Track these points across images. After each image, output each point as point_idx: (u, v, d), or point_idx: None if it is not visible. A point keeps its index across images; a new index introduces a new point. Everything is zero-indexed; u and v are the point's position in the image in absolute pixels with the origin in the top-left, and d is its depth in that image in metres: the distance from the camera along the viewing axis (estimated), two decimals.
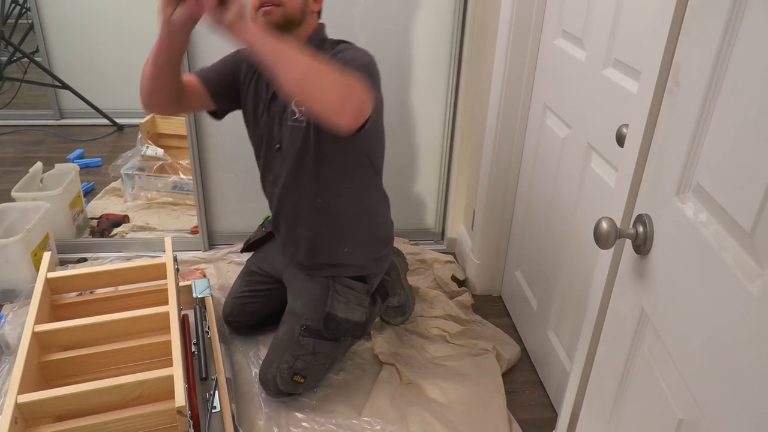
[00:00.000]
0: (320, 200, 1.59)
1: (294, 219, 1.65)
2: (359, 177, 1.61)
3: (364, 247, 1.68)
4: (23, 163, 2.88)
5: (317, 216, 1.62)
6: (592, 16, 1.42)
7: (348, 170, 1.58)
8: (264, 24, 1.40)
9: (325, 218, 1.62)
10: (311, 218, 1.63)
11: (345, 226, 1.65)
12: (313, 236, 1.64)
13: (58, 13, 3.50)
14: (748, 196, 0.66)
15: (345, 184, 1.60)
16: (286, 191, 1.62)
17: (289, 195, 1.62)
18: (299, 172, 1.56)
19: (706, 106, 0.75)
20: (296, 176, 1.57)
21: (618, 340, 1.00)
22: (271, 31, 1.21)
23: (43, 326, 1.48)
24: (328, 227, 1.63)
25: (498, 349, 1.85)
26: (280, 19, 1.40)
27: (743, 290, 0.66)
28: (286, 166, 1.57)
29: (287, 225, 1.69)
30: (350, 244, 1.66)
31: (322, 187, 1.58)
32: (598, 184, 1.42)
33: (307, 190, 1.59)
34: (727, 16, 0.71)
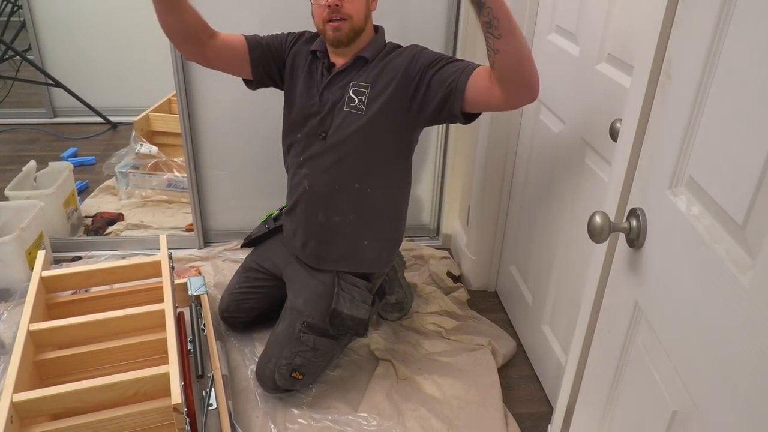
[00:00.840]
0: (357, 185, 1.60)
1: (321, 205, 1.64)
2: (399, 167, 1.64)
3: (381, 242, 1.70)
4: (16, 162, 2.86)
5: (350, 202, 1.62)
6: (586, 11, 1.42)
7: (392, 159, 1.62)
8: (332, 38, 1.49)
9: (357, 205, 1.63)
10: (342, 204, 1.63)
11: (373, 216, 1.66)
12: (339, 222, 1.64)
13: (50, 11, 3.48)
14: (740, 189, 0.66)
15: (386, 172, 1.62)
16: (323, 174, 1.62)
17: (324, 179, 1.62)
18: (346, 157, 1.58)
19: (698, 99, 0.76)
20: (341, 161, 1.58)
21: (612, 334, 1.00)
22: None
23: (38, 325, 1.47)
24: (357, 214, 1.63)
25: (493, 344, 1.85)
26: (349, 32, 1.48)
27: (735, 282, 0.66)
28: (332, 151, 1.58)
29: (309, 211, 1.67)
30: (370, 237, 1.67)
31: (363, 173, 1.60)
32: (593, 178, 1.42)
33: (347, 175, 1.60)
34: (719, 7, 0.71)
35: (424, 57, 1.50)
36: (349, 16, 1.46)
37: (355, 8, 1.47)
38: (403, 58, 1.52)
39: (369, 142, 1.56)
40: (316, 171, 1.63)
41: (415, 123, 1.56)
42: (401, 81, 1.49)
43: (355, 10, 1.47)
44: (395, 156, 1.62)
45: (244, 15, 2.02)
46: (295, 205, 1.70)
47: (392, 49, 1.58)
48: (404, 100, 1.50)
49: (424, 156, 2.35)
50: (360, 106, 1.53)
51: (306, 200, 1.67)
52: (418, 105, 1.49)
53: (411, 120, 1.54)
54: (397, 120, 1.53)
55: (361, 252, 1.67)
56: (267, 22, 1.97)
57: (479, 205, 2.07)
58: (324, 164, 1.61)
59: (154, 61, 3.26)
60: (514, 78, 1.30)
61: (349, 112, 1.55)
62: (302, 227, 1.70)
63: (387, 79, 1.51)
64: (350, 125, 1.50)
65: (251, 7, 2.01)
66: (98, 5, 3.46)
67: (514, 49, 1.25)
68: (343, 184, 1.61)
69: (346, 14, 1.46)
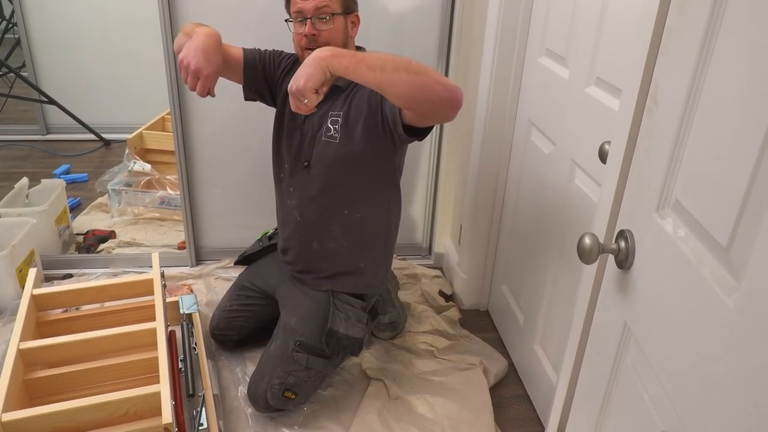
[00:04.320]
0: (347, 212, 1.62)
1: (314, 233, 1.67)
2: (386, 192, 1.66)
3: (377, 264, 1.72)
4: (9, 179, 2.85)
5: (341, 228, 1.64)
6: (575, 36, 1.45)
7: (378, 185, 1.63)
8: None
9: (349, 231, 1.65)
10: (335, 231, 1.64)
11: (366, 241, 1.68)
12: (334, 248, 1.66)
13: (45, 28, 3.49)
14: (724, 212, 0.68)
15: (373, 197, 1.64)
16: (311, 203, 1.64)
17: (313, 208, 1.64)
18: (330, 185, 1.60)
19: (684, 124, 0.78)
20: (326, 189, 1.61)
21: (602, 354, 1.01)
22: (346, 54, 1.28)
23: (28, 343, 1.46)
24: (350, 240, 1.65)
25: (485, 363, 1.85)
26: None
27: (721, 304, 0.68)
28: (316, 181, 1.60)
29: (303, 241, 1.70)
30: (367, 260, 1.69)
31: (351, 199, 1.62)
32: (582, 199, 1.44)
33: (335, 203, 1.62)
34: (702, 36, 0.73)
35: None
36: (326, 44, 1.46)
37: (332, 36, 1.49)
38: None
39: (350, 169, 1.58)
40: (304, 200, 1.65)
41: (392, 146, 1.55)
42: (369, 108, 1.50)
43: (332, 38, 1.49)
44: (381, 181, 1.63)
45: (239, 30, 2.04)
46: (289, 237, 1.73)
47: None
48: (376, 125, 1.50)
49: (416, 175, 2.37)
50: (335, 135, 1.55)
51: (299, 231, 1.69)
52: (389, 127, 1.48)
53: (387, 144, 1.53)
54: (373, 146, 1.54)
55: (358, 274, 1.69)
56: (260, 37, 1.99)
57: (471, 225, 2.08)
58: (310, 193, 1.63)
59: (148, 78, 3.27)
60: (416, 108, 1.34)
61: (327, 142, 1.57)
62: (298, 255, 1.72)
63: (359, 107, 1.52)
64: (329, 154, 1.53)
65: (245, 25, 2.04)
66: (93, 23, 3.49)
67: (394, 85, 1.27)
68: (332, 211, 1.63)
69: (323, 43, 1.46)
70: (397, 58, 1.28)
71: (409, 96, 1.29)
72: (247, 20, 2.03)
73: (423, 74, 1.27)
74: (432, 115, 1.38)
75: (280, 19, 1.59)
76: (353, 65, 1.24)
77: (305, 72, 1.21)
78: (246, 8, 2.01)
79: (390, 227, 1.72)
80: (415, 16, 2.09)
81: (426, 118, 1.39)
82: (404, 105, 1.34)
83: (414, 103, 1.32)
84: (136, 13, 3.36)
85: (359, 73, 1.24)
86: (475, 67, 1.97)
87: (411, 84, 1.26)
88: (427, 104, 1.31)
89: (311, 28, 1.47)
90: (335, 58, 1.23)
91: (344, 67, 1.23)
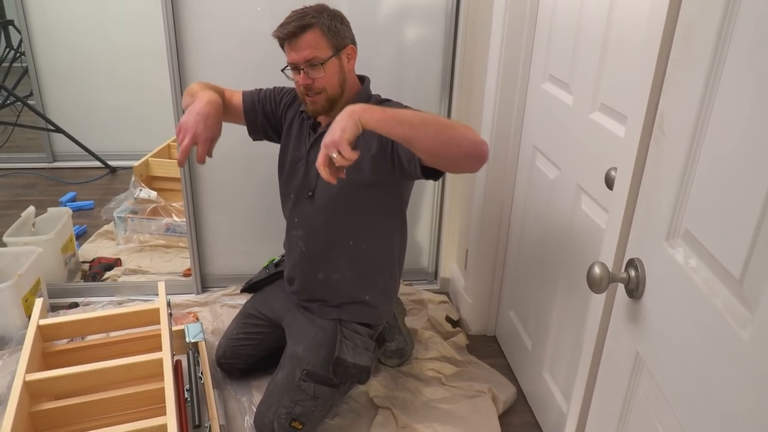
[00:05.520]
0: (352, 242, 1.63)
1: (319, 264, 1.67)
2: (392, 222, 1.65)
3: (382, 295, 1.71)
4: (15, 207, 2.87)
5: (346, 259, 1.64)
6: (578, 63, 1.46)
7: (384, 215, 1.64)
8: (311, 111, 1.54)
9: (354, 262, 1.65)
10: (340, 261, 1.65)
11: (371, 272, 1.68)
12: (339, 279, 1.65)
13: (52, 58, 3.54)
14: (736, 244, 0.67)
15: (379, 228, 1.64)
16: (316, 234, 1.65)
17: (318, 238, 1.65)
18: (335, 216, 1.61)
19: (692, 154, 0.78)
20: (331, 220, 1.61)
21: (614, 383, 1.00)
22: (375, 109, 1.28)
23: (34, 375, 1.46)
24: (355, 271, 1.65)
25: (494, 390, 1.83)
26: (325, 104, 1.53)
27: (735, 336, 0.67)
28: (321, 212, 1.61)
29: (308, 272, 1.70)
30: (372, 292, 1.69)
31: (356, 230, 1.62)
32: (589, 224, 1.44)
33: (340, 233, 1.63)
34: (708, 68, 0.74)
35: None
36: (323, 89, 1.50)
37: (327, 81, 1.50)
38: None
39: (356, 201, 1.58)
40: (309, 231, 1.65)
41: (400, 180, 1.57)
42: (380, 144, 1.50)
43: (328, 82, 1.50)
44: (387, 212, 1.64)
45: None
46: (295, 267, 1.73)
47: (376, 104, 1.58)
48: (385, 160, 1.50)
49: (422, 199, 2.37)
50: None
51: (304, 261, 1.69)
52: (398, 163, 1.48)
53: (395, 178, 1.53)
54: (380, 179, 1.54)
55: (364, 305, 1.68)
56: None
57: (477, 249, 2.08)
58: (315, 224, 1.63)
59: (154, 106, 3.31)
60: (441, 163, 1.36)
61: None
62: (303, 285, 1.72)
63: (368, 142, 1.50)
64: (334, 186, 1.54)
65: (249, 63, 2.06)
66: (99, 52, 3.53)
67: (426, 143, 1.29)
68: (337, 242, 1.63)
69: (320, 89, 1.50)
70: (425, 114, 1.30)
71: (436, 151, 1.30)
72: (250, 48, 2.05)
73: (450, 129, 1.29)
74: (455, 168, 1.40)
75: (282, 57, 1.61)
76: (384, 119, 1.25)
77: (340, 125, 1.22)
78: (250, 37, 2.04)
79: (394, 258, 1.72)
80: (418, 45, 2.11)
81: (449, 170, 1.41)
82: (429, 159, 1.34)
83: (439, 158, 1.32)
84: (142, 42, 3.41)
85: (389, 126, 1.26)
86: (479, 93, 1.98)
87: (438, 139, 1.28)
88: (451, 159, 1.32)
89: (305, 78, 1.49)
90: (367, 112, 1.24)
91: (375, 120, 1.24)
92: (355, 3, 2.00)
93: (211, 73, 2.04)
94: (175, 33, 1.97)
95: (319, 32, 1.47)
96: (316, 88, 1.50)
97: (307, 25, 1.46)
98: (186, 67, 2.03)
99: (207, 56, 2.04)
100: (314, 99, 1.52)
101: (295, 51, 1.47)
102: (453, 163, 1.35)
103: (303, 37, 1.46)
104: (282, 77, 1.68)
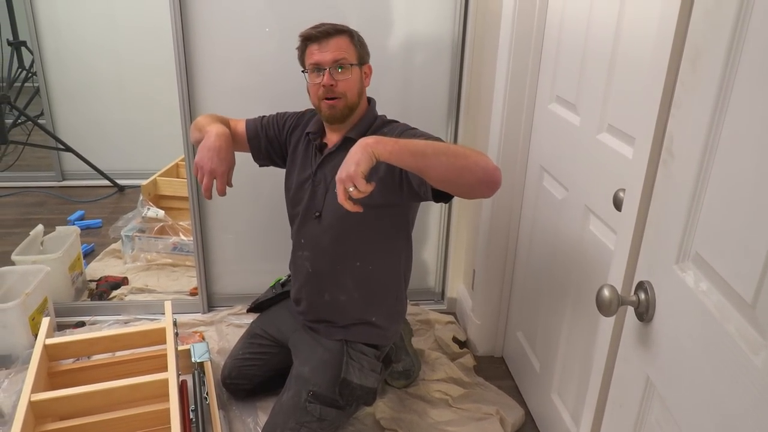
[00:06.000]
0: (359, 264, 1.62)
1: (326, 285, 1.66)
2: (399, 243, 1.65)
3: (389, 317, 1.70)
4: (24, 225, 2.89)
5: (353, 280, 1.64)
6: (585, 84, 1.47)
7: (391, 236, 1.63)
8: (327, 115, 1.54)
9: (361, 283, 1.64)
10: (347, 282, 1.64)
11: (378, 293, 1.68)
12: (345, 301, 1.65)
13: (63, 78, 3.59)
14: (748, 268, 0.67)
15: (386, 249, 1.64)
16: (323, 255, 1.65)
17: (325, 259, 1.65)
18: (343, 238, 1.61)
19: (701, 176, 0.77)
20: (338, 241, 1.61)
21: (625, 408, 0.99)
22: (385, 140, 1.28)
23: (39, 395, 1.45)
24: (362, 293, 1.65)
25: (501, 413, 1.81)
26: (343, 110, 1.54)
27: (748, 362, 0.66)
28: (328, 232, 1.61)
29: (315, 293, 1.69)
30: (379, 313, 1.68)
31: (363, 251, 1.62)
32: (597, 245, 1.43)
33: (347, 254, 1.62)
34: (716, 92, 0.73)
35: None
36: (343, 94, 1.52)
37: (349, 86, 1.52)
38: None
39: (363, 222, 1.56)
40: (316, 252, 1.65)
41: (408, 201, 1.58)
42: (388, 166, 1.46)
43: (349, 88, 1.52)
44: (394, 233, 1.64)
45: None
46: (301, 288, 1.73)
47: (381, 125, 1.61)
48: (393, 182, 1.50)
49: (429, 219, 2.37)
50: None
51: (311, 282, 1.69)
52: (406, 185, 1.48)
53: (403, 199, 1.54)
54: (388, 200, 1.54)
55: (371, 326, 1.67)
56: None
57: (484, 269, 2.07)
58: (322, 244, 1.63)
59: (163, 125, 3.35)
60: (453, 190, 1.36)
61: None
62: (309, 306, 1.71)
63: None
64: (341, 207, 1.56)
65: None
66: (110, 72, 3.58)
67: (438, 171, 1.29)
68: (344, 263, 1.63)
69: (341, 93, 1.51)
70: (437, 144, 1.31)
71: (448, 179, 1.30)
72: (259, 67, 2.07)
73: (462, 158, 1.29)
74: (468, 194, 1.38)
75: (290, 74, 1.62)
76: (397, 150, 1.25)
77: (354, 158, 1.22)
78: (258, 55, 2.06)
79: (401, 279, 1.71)
80: (425, 64, 2.12)
81: (462, 196, 1.40)
82: (443, 186, 1.34)
83: (452, 185, 1.33)
84: (151, 62, 3.45)
85: (402, 158, 1.26)
86: (486, 113, 1.99)
87: (451, 168, 1.28)
88: (464, 187, 1.33)
89: (329, 78, 1.50)
90: (380, 144, 1.25)
91: (389, 152, 1.25)
92: (363, 25, 2.01)
93: (219, 92, 2.07)
94: (185, 52, 1.99)
95: (350, 40, 1.53)
96: (338, 91, 1.51)
97: (341, 30, 1.52)
98: (195, 88, 2.05)
99: (216, 76, 2.06)
100: (333, 103, 1.52)
101: (325, 51, 1.50)
102: (466, 190, 1.35)
103: (335, 38, 1.50)
104: (288, 99, 1.70)
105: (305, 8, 1.98)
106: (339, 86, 1.51)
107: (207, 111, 2.08)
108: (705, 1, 0.77)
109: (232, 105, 2.09)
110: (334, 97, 1.51)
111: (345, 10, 2.02)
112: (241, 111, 2.09)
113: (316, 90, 1.53)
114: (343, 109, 1.53)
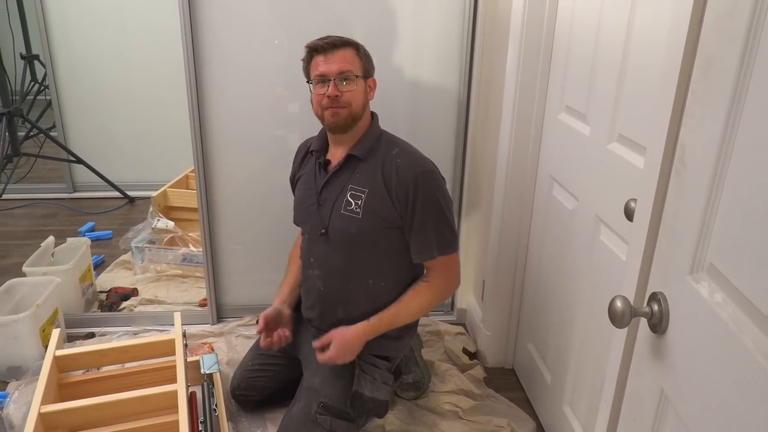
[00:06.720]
0: (371, 281, 1.62)
1: (339, 302, 1.66)
2: (408, 256, 1.64)
3: (401, 330, 1.69)
4: (35, 236, 2.91)
5: (366, 297, 1.63)
6: (594, 93, 1.46)
7: (401, 253, 1.63)
8: (331, 123, 1.55)
9: (374, 300, 1.63)
10: (359, 299, 1.64)
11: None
12: (359, 317, 1.63)
13: (75, 91, 3.62)
14: (764, 279, 0.66)
15: (396, 266, 1.64)
16: (334, 273, 1.65)
17: (337, 277, 1.65)
18: (352, 256, 1.61)
19: (715, 186, 0.76)
20: (348, 259, 1.62)
21: (638, 422, 0.97)
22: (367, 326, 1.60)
23: (49, 407, 1.45)
24: (375, 309, 1.63)
25: (512, 425, 1.79)
26: (347, 119, 1.54)
27: (766, 375, 0.64)
28: (338, 252, 1.62)
29: (328, 312, 1.68)
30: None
31: (373, 269, 1.62)
32: (608, 256, 1.41)
33: (358, 272, 1.62)
34: (729, 101, 0.73)
35: (421, 200, 1.54)
36: (348, 103, 1.53)
37: (353, 97, 1.53)
38: (402, 180, 1.54)
39: (372, 241, 1.59)
40: (327, 270, 1.65)
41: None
42: (397, 199, 1.54)
43: (354, 98, 1.53)
44: (405, 249, 1.62)
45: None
46: (314, 307, 1.72)
47: (387, 143, 1.61)
48: (399, 212, 1.55)
49: None
50: (357, 210, 1.57)
51: (324, 300, 1.68)
52: (403, 233, 1.60)
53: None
54: (396, 224, 1.57)
55: (384, 338, 1.66)
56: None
57: (494, 280, 2.06)
58: (333, 263, 1.63)
59: (173, 137, 3.37)
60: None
61: (347, 216, 1.58)
62: (323, 323, 1.70)
63: (383, 189, 1.54)
64: (349, 227, 1.56)
65: None
66: (121, 85, 3.61)
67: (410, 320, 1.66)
68: (356, 280, 1.63)
69: (346, 102, 1.52)
70: (409, 305, 1.61)
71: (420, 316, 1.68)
72: (268, 79, 2.08)
73: (431, 303, 1.63)
74: None
75: (299, 87, 1.63)
76: (378, 330, 1.59)
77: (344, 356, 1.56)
78: (267, 68, 2.07)
79: None
80: (433, 74, 2.13)
81: None
82: None
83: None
84: (162, 75, 3.48)
85: (383, 331, 1.60)
86: (495, 124, 1.99)
87: (412, 318, 1.66)
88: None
89: (334, 89, 1.51)
90: (366, 335, 1.58)
91: (374, 333, 1.59)
92: (371, 38, 2.03)
93: (229, 104, 2.08)
94: (194, 65, 2.01)
95: (355, 52, 1.55)
96: (343, 101, 1.52)
97: (347, 42, 1.54)
98: (205, 100, 2.07)
99: (226, 87, 2.07)
100: (337, 110, 1.53)
101: (331, 62, 1.51)
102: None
103: (341, 50, 1.52)
104: (296, 109, 1.71)
105: (314, 20, 2.00)
106: (344, 96, 1.52)
107: (216, 123, 2.10)
108: (716, 8, 0.77)
109: (242, 116, 2.10)
110: (338, 106, 1.52)
111: (353, 23, 2.04)
112: (250, 121, 2.11)
113: (320, 100, 1.54)
114: (347, 117, 1.54)
